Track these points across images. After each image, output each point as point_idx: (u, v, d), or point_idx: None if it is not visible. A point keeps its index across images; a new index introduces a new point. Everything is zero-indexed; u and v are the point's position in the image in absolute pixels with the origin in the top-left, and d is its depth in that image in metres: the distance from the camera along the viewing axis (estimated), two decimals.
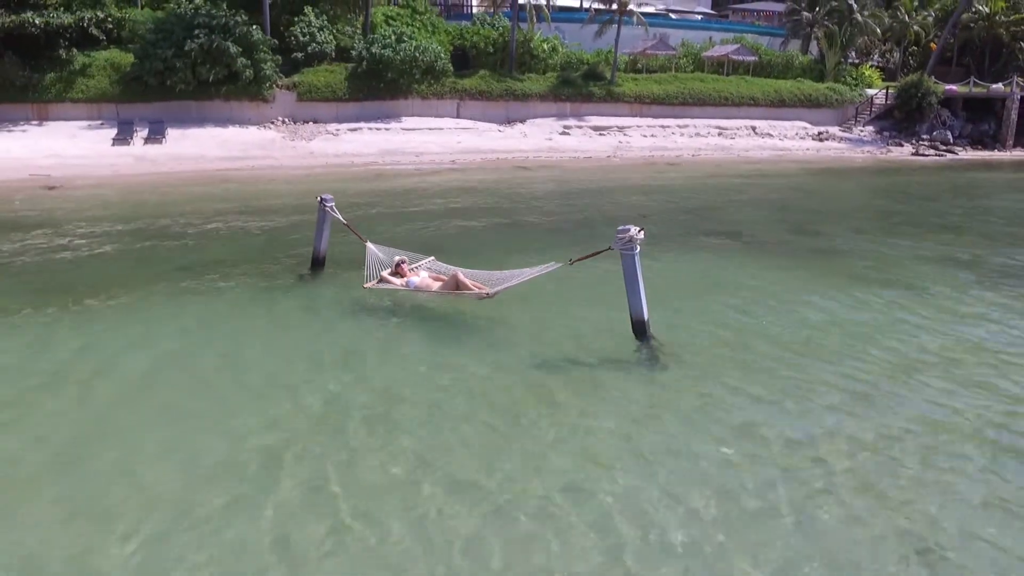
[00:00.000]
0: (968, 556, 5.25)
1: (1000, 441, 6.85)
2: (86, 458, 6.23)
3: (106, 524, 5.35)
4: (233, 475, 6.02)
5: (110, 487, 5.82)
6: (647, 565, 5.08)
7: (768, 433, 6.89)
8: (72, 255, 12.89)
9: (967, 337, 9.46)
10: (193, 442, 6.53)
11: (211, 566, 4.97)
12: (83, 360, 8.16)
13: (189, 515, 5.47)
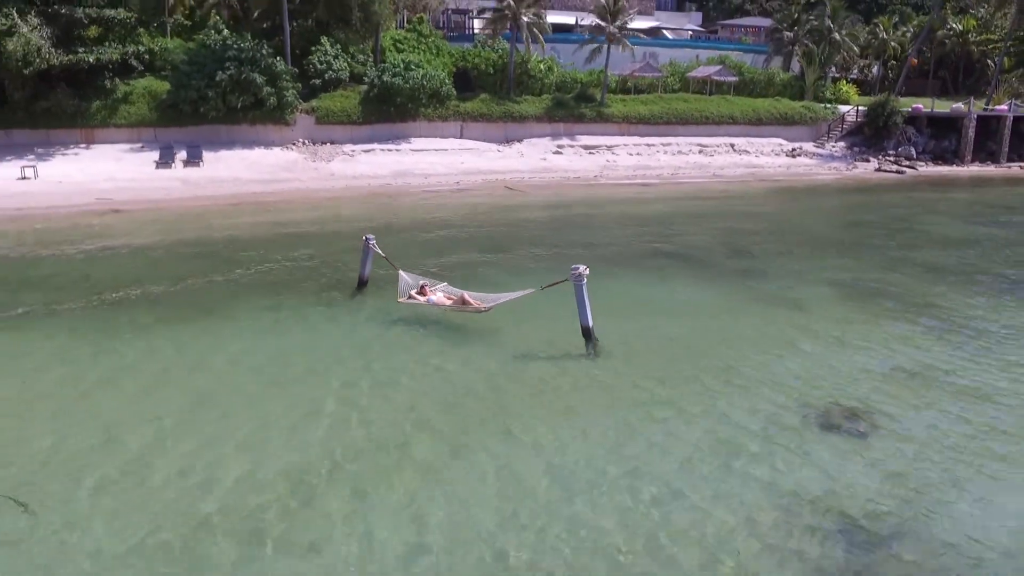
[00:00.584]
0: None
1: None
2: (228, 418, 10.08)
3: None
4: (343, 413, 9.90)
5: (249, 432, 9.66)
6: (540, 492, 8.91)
7: (657, 397, 10.79)
8: (168, 276, 16.82)
9: (813, 342, 13.29)
10: (312, 395, 10.43)
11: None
12: (222, 357, 12.08)
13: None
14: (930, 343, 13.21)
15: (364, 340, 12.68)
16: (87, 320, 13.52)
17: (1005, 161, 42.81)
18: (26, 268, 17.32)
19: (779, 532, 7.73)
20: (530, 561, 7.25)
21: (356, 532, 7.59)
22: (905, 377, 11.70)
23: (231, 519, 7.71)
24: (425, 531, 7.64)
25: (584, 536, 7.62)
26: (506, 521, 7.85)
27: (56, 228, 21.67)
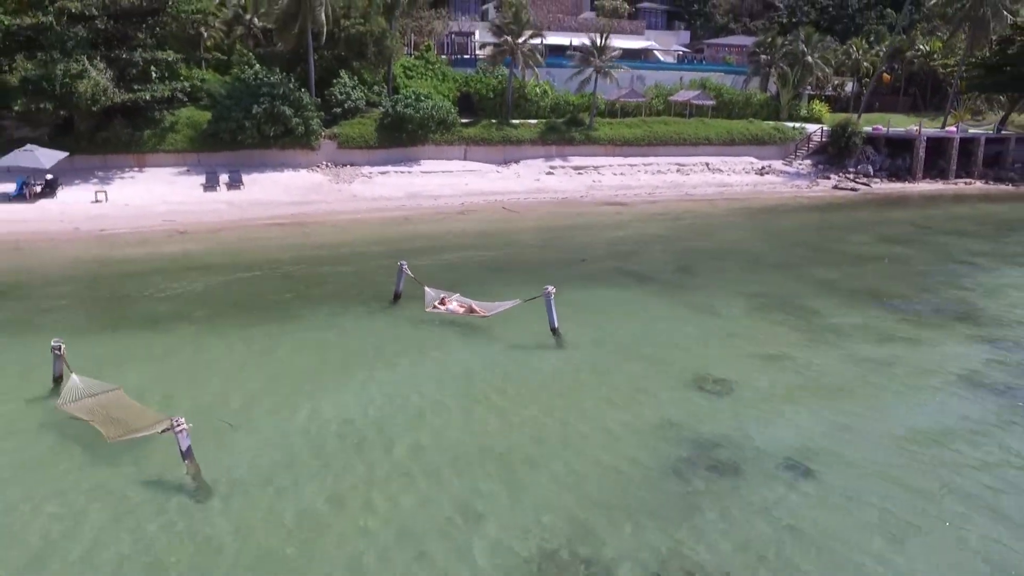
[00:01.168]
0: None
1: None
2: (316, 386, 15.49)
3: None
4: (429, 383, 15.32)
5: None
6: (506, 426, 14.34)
7: (595, 367, 16.17)
8: (246, 291, 22.29)
9: (713, 336, 18.69)
10: (365, 370, 15.85)
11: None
12: (302, 344, 17.48)
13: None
14: (795, 337, 18.60)
15: (395, 341, 18.08)
16: (211, 323, 19.00)
17: (953, 178, 48.34)
18: (143, 283, 22.81)
19: (650, 437, 13.13)
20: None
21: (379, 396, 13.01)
22: (765, 358, 17.15)
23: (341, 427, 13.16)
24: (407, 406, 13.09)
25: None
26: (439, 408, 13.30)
27: (138, 250, 27.18)
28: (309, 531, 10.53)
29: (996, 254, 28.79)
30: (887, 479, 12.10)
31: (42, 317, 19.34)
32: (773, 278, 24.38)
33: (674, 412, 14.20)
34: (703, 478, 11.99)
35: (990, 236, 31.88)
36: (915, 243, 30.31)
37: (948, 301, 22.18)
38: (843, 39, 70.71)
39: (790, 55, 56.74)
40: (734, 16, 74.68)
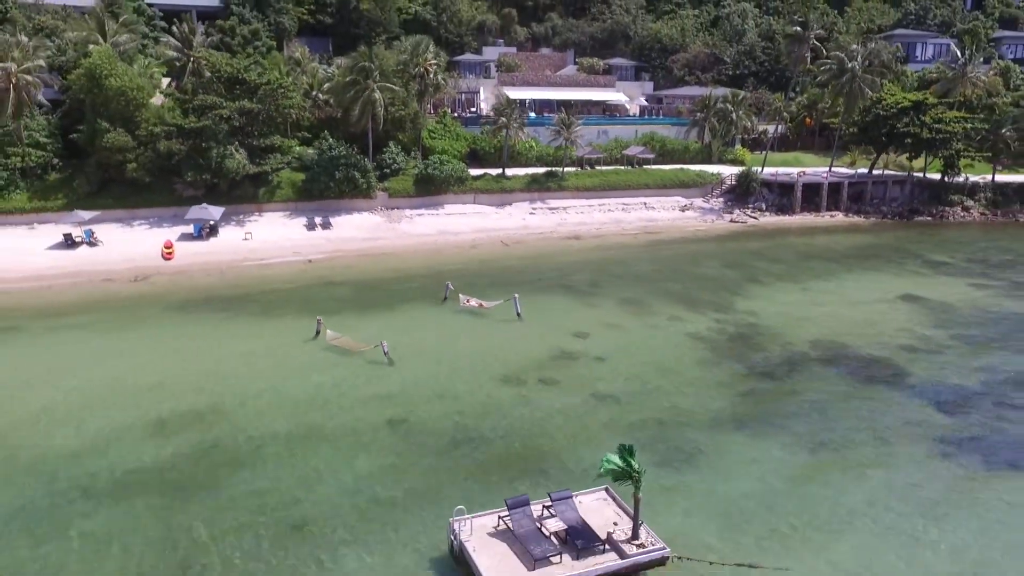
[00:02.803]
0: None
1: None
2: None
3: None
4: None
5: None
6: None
7: (534, 334, 38.42)
8: (361, 296, 44.74)
9: (587, 322, 40.95)
10: (426, 335, 38.16)
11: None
12: (398, 323, 39.83)
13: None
14: (628, 318, 40.82)
15: (447, 319, 40.43)
16: (363, 309, 41.41)
17: (824, 212, 70.79)
18: (305, 292, 45.35)
19: (547, 353, 35.35)
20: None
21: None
22: (609, 325, 39.45)
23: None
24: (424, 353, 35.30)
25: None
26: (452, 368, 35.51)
27: (290, 271, 49.88)
28: (443, 380, 32.93)
29: (782, 275, 50.99)
30: (649, 364, 34.45)
31: (277, 307, 41.92)
32: (638, 288, 46.84)
33: (561, 344, 36.58)
34: (557, 365, 34.44)
35: (792, 262, 54.29)
36: (740, 266, 52.68)
37: (720, 301, 44.41)
38: (775, 89, 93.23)
39: (719, 112, 79.27)
40: (689, 69, 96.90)
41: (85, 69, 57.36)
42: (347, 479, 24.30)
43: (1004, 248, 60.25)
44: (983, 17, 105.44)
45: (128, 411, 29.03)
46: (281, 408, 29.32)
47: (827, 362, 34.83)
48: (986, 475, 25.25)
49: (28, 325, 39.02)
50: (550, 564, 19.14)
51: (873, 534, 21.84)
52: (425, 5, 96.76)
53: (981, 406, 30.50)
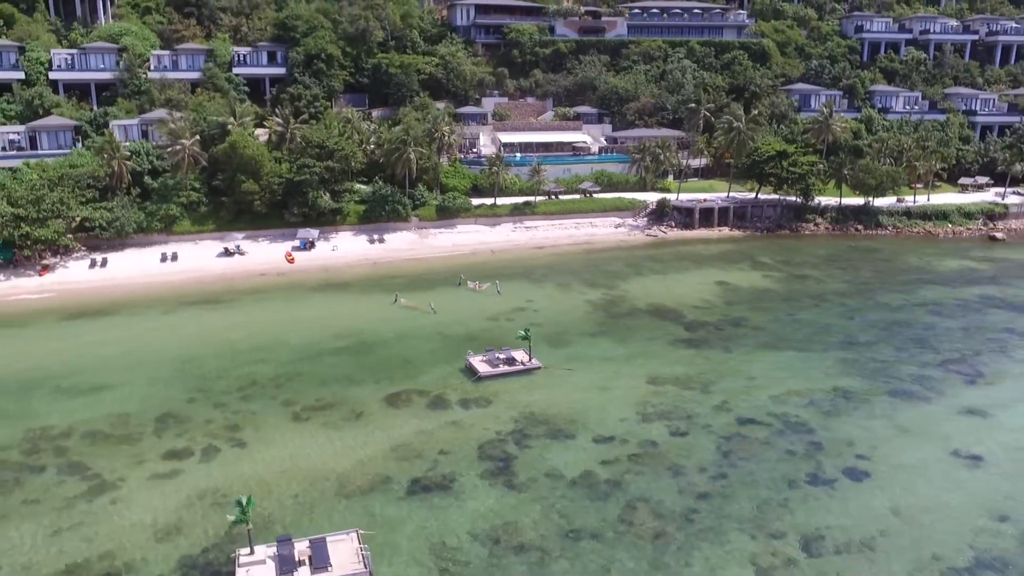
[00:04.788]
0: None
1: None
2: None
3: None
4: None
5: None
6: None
7: (503, 300, 78.46)
8: (417, 282, 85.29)
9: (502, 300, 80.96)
10: (452, 303, 78.40)
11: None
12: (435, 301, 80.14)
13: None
14: (541, 297, 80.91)
15: (460, 293, 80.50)
16: (429, 289, 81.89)
17: (716, 228, 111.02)
18: (378, 281, 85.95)
19: (500, 311, 75.44)
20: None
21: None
22: (524, 304, 79.54)
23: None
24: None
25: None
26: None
27: (366, 270, 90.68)
28: (460, 319, 73.31)
29: (656, 270, 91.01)
30: (559, 312, 74.80)
31: (366, 289, 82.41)
32: (569, 277, 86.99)
33: (518, 304, 76.77)
34: (513, 313, 74.89)
35: (669, 262, 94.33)
36: (636, 265, 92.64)
37: (611, 284, 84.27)
38: (704, 131, 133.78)
39: (652, 152, 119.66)
40: (639, 115, 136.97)
41: (229, 143, 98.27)
42: (421, 350, 64.58)
43: (812, 253, 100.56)
44: (864, 72, 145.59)
45: (314, 332, 69.38)
46: (384, 330, 69.84)
47: (650, 312, 75.22)
48: (703, 354, 65.41)
49: (240, 299, 79.80)
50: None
51: (621, 367, 62.12)
52: (437, 67, 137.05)
53: (714, 330, 70.68)
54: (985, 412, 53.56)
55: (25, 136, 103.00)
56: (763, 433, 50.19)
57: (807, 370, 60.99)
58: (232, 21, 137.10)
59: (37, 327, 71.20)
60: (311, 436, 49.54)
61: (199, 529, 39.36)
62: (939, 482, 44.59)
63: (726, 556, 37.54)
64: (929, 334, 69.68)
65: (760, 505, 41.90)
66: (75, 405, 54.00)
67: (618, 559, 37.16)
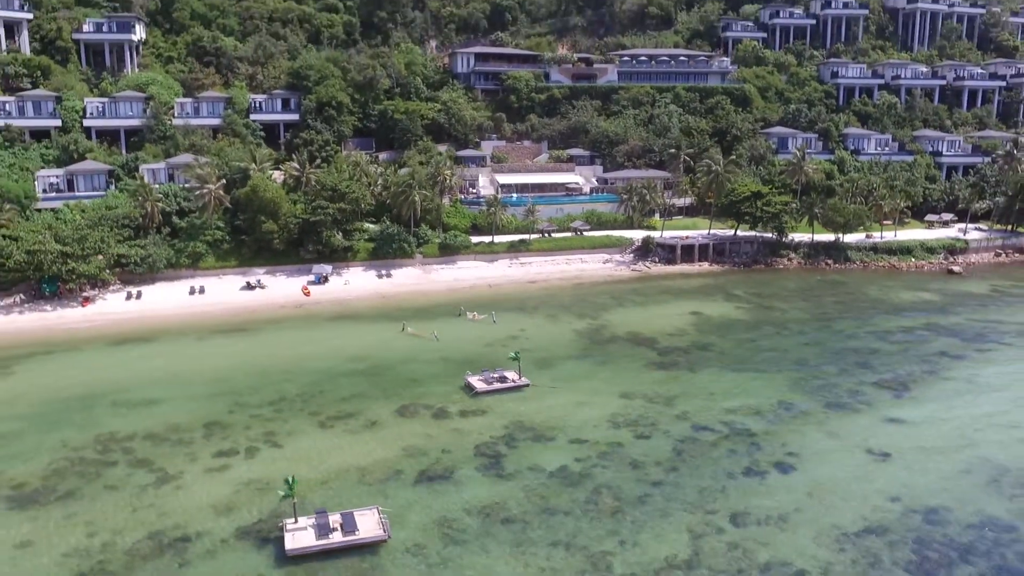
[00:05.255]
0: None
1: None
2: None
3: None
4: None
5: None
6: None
7: (500, 329, 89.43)
8: (421, 313, 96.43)
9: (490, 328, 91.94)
10: (456, 330, 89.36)
11: None
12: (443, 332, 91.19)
13: None
14: (530, 326, 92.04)
15: (461, 323, 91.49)
16: (427, 320, 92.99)
17: (696, 263, 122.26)
18: (386, 312, 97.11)
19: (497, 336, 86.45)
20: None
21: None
22: (533, 326, 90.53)
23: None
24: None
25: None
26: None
27: (376, 302, 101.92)
28: (459, 345, 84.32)
29: (638, 302, 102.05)
30: (547, 338, 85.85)
31: (375, 319, 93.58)
32: (558, 309, 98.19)
33: (511, 332, 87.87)
34: (507, 339, 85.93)
35: (651, 295, 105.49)
36: (620, 297, 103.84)
37: (595, 314, 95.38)
38: (688, 172, 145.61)
39: (639, 193, 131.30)
40: (628, 157, 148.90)
41: (250, 187, 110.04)
42: (426, 371, 75.45)
43: (782, 286, 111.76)
44: (840, 116, 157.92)
45: (331, 356, 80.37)
46: (393, 354, 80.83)
47: (628, 339, 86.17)
48: (672, 374, 76.24)
49: (263, 328, 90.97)
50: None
51: (593, 383, 73.01)
52: (439, 112, 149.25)
53: (683, 354, 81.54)
54: (903, 420, 64.40)
55: (64, 179, 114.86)
56: (713, 437, 60.97)
57: (759, 387, 71.85)
58: (248, 70, 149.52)
59: (88, 352, 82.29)
60: (335, 439, 60.47)
61: (250, 507, 50.16)
62: (850, 473, 55.35)
63: (668, 526, 48.25)
64: (871, 357, 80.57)
65: (702, 491, 52.64)
66: (133, 416, 64.93)
67: (583, 529, 47.87)
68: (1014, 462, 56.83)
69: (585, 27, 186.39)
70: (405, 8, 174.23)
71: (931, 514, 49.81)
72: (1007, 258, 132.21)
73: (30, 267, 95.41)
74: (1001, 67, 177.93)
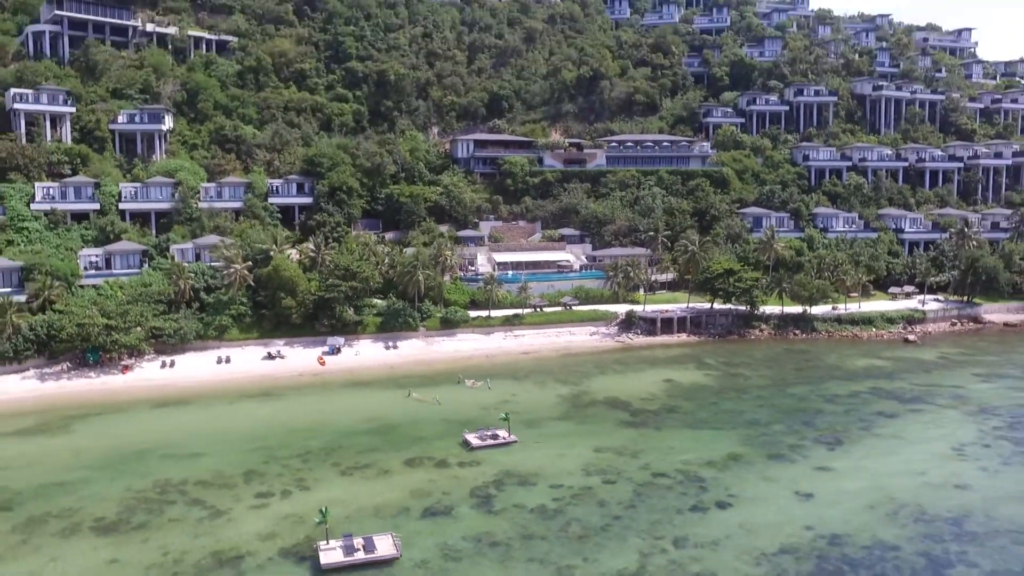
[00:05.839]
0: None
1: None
2: None
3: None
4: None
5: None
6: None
7: (493, 394, 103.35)
8: (425, 381, 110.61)
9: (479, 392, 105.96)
10: (455, 396, 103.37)
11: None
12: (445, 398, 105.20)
13: None
14: (516, 391, 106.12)
15: (460, 390, 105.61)
16: (433, 387, 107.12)
17: (675, 334, 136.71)
18: (394, 380, 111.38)
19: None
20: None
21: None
22: (523, 391, 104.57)
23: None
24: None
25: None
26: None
27: (386, 372, 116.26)
28: (460, 408, 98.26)
29: (618, 370, 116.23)
30: (534, 403, 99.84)
31: (385, 386, 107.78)
32: (547, 377, 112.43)
33: (504, 397, 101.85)
34: (500, 403, 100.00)
35: (630, 364, 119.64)
36: (602, 366, 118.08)
37: (579, 381, 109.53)
38: (669, 250, 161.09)
39: (623, 270, 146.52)
40: (615, 236, 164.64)
41: (272, 267, 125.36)
42: (430, 430, 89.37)
43: (750, 355, 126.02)
44: (811, 196, 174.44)
45: (347, 418, 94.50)
46: (400, 416, 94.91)
47: (605, 403, 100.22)
48: (640, 432, 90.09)
49: (286, 394, 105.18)
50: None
51: (557, 440, 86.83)
52: (441, 195, 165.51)
53: (652, 415, 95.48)
54: (829, 468, 78.17)
55: (103, 258, 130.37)
56: (668, 482, 74.69)
57: (713, 442, 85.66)
58: (266, 156, 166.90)
59: (134, 413, 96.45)
60: (354, 484, 74.28)
61: (288, 535, 63.84)
62: (776, 509, 69.01)
63: (623, 548, 61.77)
64: (816, 416, 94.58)
65: (653, 522, 66.22)
66: (182, 465, 78.79)
67: (554, 550, 61.44)
68: (912, 500, 70.46)
69: (577, 113, 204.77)
70: (409, 98, 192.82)
71: (834, 538, 63.36)
72: (961, 327, 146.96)
73: (78, 338, 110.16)
74: (959, 149, 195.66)
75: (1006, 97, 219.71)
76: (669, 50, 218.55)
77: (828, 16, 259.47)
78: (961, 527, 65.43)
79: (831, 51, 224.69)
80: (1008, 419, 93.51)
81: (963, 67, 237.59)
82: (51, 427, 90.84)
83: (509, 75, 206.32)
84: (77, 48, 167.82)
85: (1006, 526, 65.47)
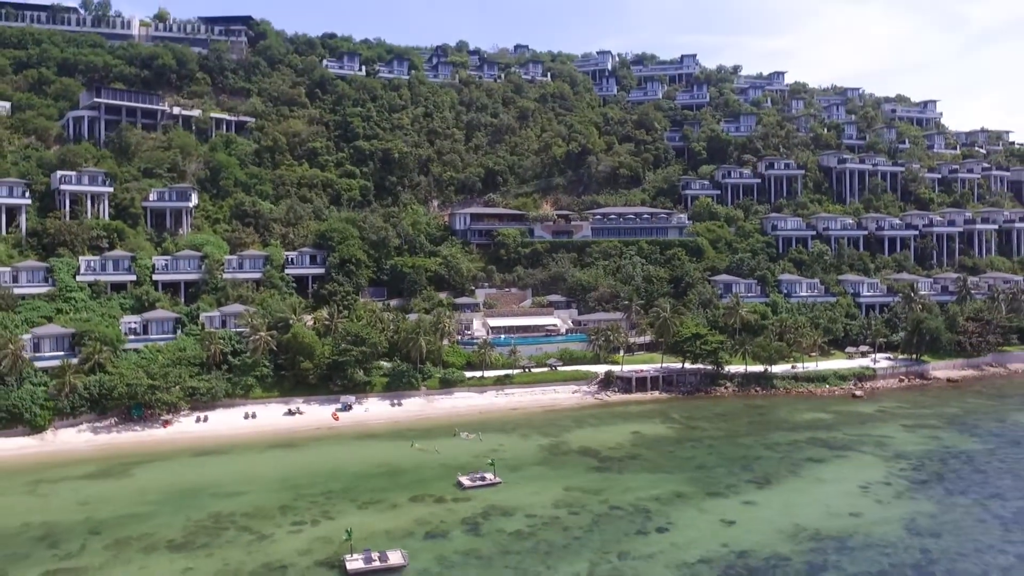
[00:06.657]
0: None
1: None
2: None
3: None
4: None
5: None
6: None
7: (480, 446, 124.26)
8: (423, 434, 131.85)
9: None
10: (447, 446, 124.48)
11: None
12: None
13: None
14: (517, 440, 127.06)
15: (456, 442, 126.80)
16: (442, 439, 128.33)
17: (649, 391, 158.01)
18: (399, 433, 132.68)
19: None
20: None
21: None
22: (510, 443, 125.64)
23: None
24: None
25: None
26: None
27: (393, 426, 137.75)
28: (456, 459, 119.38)
29: (593, 424, 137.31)
30: (517, 453, 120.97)
31: (391, 438, 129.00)
32: (531, 430, 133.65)
33: (492, 447, 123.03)
34: (488, 452, 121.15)
35: (604, 418, 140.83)
36: (580, 420, 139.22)
37: (557, 433, 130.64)
38: (646, 310, 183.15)
39: (603, 334, 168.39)
40: (598, 302, 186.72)
41: (292, 334, 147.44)
42: (430, 474, 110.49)
43: (711, 410, 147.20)
44: (778, 264, 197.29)
45: (360, 464, 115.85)
46: (405, 463, 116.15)
47: (578, 451, 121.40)
48: (604, 475, 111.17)
49: (306, 444, 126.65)
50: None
51: (539, 476, 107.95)
52: (440, 265, 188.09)
53: (616, 462, 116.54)
54: (754, 502, 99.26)
55: (141, 324, 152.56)
56: (621, 513, 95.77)
57: (664, 482, 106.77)
58: (282, 229, 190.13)
59: (179, 460, 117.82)
60: (369, 515, 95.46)
61: (320, 551, 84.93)
62: (704, 532, 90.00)
63: (578, 560, 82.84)
64: (755, 462, 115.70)
65: (604, 542, 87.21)
66: (227, 501, 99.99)
67: (525, 561, 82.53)
68: (812, 525, 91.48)
69: (566, 186, 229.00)
70: (412, 173, 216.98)
71: (742, 553, 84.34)
72: (909, 382, 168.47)
73: (127, 396, 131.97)
74: (916, 218, 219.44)
75: (963, 167, 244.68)
76: (652, 126, 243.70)
77: (803, 90, 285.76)
78: (843, 543, 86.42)
79: (801, 126, 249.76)
80: (914, 462, 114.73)
81: (926, 138, 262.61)
82: (113, 472, 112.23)
83: (503, 151, 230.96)
84: (112, 131, 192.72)
85: (877, 542, 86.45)
